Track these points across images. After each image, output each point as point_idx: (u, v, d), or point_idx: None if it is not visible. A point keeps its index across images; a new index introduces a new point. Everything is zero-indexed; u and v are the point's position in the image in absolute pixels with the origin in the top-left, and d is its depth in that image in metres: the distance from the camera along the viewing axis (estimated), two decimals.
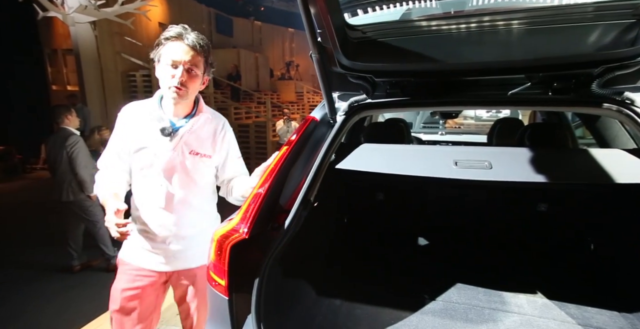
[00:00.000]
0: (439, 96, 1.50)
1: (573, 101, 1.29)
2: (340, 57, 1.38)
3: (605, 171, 1.18)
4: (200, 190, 1.36)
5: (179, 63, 1.21)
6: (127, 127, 1.28)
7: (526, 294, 1.58)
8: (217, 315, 1.19)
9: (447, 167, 1.32)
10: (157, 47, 1.23)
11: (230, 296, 1.13)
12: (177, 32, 1.22)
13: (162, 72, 1.23)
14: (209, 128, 1.36)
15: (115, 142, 1.30)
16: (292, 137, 1.42)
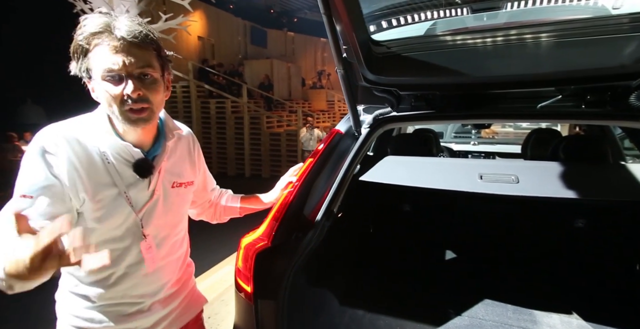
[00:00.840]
0: (464, 109, 1.50)
1: (609, 114, 1.24)
2: (365, 71, 1.42)
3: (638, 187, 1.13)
4: (184, 226, 1.04)
5: (121, 72, 0.78)
6: (65, 164, 0.79)
7: (560, 313, 1.50)
8: (243, 321, 1.25)
9: (472, 181, 1.31)
10: (79, 54, 0.79)
11: (255, 302, 1.18)
12: (101, 23, 0.77)
13: (103, 91, 0.80)
14: (182, 147, 1.01)
15: (44, 183, 0.77)
16: (318, 148, 1.48)
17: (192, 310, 1.09)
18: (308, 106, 12.60)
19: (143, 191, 0.89)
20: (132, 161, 0.87)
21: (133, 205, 0.87)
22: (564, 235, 1.88)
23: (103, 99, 0.82)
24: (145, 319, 0.94)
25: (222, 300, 2.62)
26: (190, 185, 1.03)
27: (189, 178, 1.02)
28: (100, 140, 0.84)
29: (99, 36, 0.77)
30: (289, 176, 1.36)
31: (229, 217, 1.27)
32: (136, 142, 0.88)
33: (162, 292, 0.97)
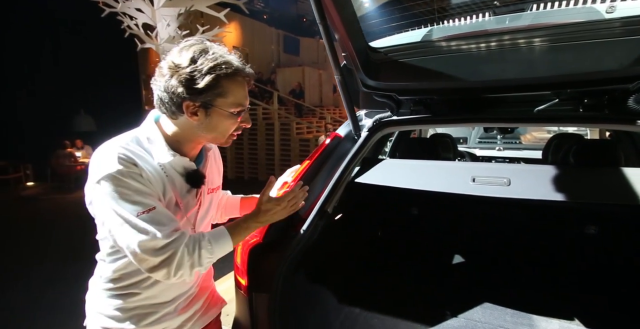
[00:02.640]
0: (462, 113, 1.51)
1: (606, 118, 1.21)
2: (363, 77, 1.48)
3: (633, 191, 1.08)
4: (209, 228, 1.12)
5: (246, 106, 0.90)
6: (146, 176, 0.85)
7: (560, 319, 1.46)
8: (241, 313, 1.34)
9: (464, 184, 1.32)
10: (208, 82, 0.81)
11: (249, 295, 1.27)
12: (235, 58, 0.86)
13: (223, 122, 0.88)
14: (212, 155, 1.08)
15: (155, 203, 0.84)
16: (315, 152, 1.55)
17: (212, 311, 1.15)
18: (339, 113, 12.70)
19: (192, 199, 0.97)
20: (184, 172, 0.93)
21: (186, 213, 0.95)
22: (569, 240, 1.82)
23: (218, 128, 0.88)
24: (172, 320, 0.99)
25: None
26: (218, 190, 1.12)
27: (217, 183, 1.11)
28: (160, 156, 0.88)
29: (235, 70, 0.84)
30: (285, 177, 1.44)
31: (229, 218, 1.34)
32: (190, 156, 0.95)
33: (189, 293, 1.04)
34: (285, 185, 1.40)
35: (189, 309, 1.05)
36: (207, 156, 1.02)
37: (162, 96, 0.85)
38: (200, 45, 0.85)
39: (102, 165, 0.82)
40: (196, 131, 0.89)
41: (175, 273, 0.82)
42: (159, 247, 0.81)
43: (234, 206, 1.32)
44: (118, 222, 0.80)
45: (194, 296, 1.07)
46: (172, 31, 7.80)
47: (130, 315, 0.94)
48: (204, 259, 0.86)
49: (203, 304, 1.12)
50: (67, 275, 3.09)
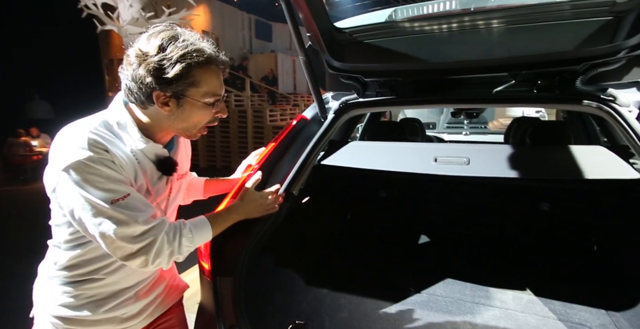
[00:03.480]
0: (425, 95, 1.53)
1: (555, 98, 1.26)
2: (328, 59, 1.46)
3: (580, 168, 1.15)
4: (175, 214, 1.12)
5: (221, 96, 0.87)
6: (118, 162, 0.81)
7: (514, 290, 1.56)
8: (205, 298, 1.32)
9: (427, 164, 1.35)
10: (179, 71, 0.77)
11: (213, 279, 1.25)
12: (210, 52, 0.82)
13: (196, 112, 0.84)
14: (182, 140, 1.04)
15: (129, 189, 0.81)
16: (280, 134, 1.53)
17: (174, 295, 1.14)
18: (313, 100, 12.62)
19: (163, 185, 0.95)
20: (155, 159, 0.90)
21: (156, 199, 0.93)
22: (524, 217, 1.93)
23: (189, 119, 0.85)
24: (132, 305, 0.96)
25: None
26: (187, 175, 1.11)
27: (186, 169, 1.09)
28: (132, 142, 0.85)
29: (207, 58, 0.80)
30: (250, 159, 1.42)
31: (192, 200, 1.32)
32: (159, 141, 0.91)
33: (151, 278, 1.02)
34: (249, 168, 1.38)
35: (149, 294, 1.02)
36: (178, 142, 1.00)
37: (130, 85, 0.80)
38: (170, 31, 0.80)
39: (69, 151, 0.76)
40: (168, 121, 0.86)
41: (154, 260, 0.81)
42: (137, 234, 0.79)
43: (197, 188, 1.30)
44: (90, 212, 0.76)
45: (155, 281, 1.05)
46: (135, 12, 7.39)
47: (86, 302, 0.90)
48: (183, 247, 0.86)
49: (165, 288, 1.09)
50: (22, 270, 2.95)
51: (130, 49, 0.81)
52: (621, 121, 1.14)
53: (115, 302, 0.93)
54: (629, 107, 1.18)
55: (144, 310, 1.01)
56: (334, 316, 1.45)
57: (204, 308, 1.34)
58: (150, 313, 1.03)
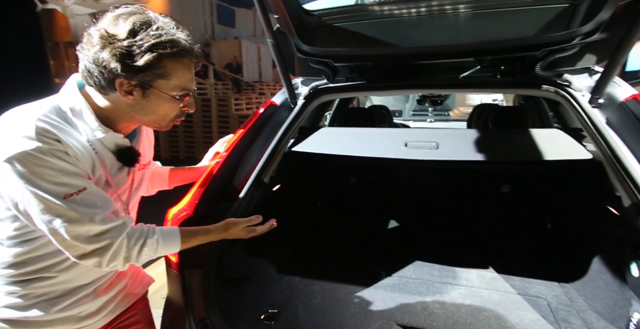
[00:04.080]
0: (395, 80, 1.53)
1: (517, 83, 1.31)
2: (297, 42, 1.41)
3: (540, 149, 1.22)
4: (137, 207, 1.06)
5: (191, 90, 0.82)
6: (78, 160, 0.75)
7: (477, 269, 1.65)
8: (173, 291, 1.27)
9: (398, 148, 1.36)
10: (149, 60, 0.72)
11: (181, 272, 1.20)
12: (185, 44, 0.77)
13: (164, 105, 0.79)
14: (143, 129, 0.98)
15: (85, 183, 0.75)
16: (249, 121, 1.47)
17: (137, 290, 1.08)
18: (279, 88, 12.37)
19: (124, 176, 0.89)
20: (115, 149, 0.84)
21: (118, 191, 0.88)
22: (487, 199, 2.04)
23: (156, 111, 0.80)
24: (91, 303, 0.90)
25: None
26: (149, 165, 1.06)
27: (149, 158, 1.04)
28: (89, 131, 0.78)
29: (181, 51, 0.75)
30: (217, 147, 1.36)
31: (157, 190, 1.25)
32: (120, 130, 0.85)
33: (111, 274, 0.95)
34: (217, 155, 1.33)
35: (110, 290, 0.96)
36: (140, 131, 0.94)
37: (90, 67, 0.74)
38: (142, 15, 0.74)
39: (12, 140, 0.68)
40: (130, 111, 0.80)
41: (109, 263, 0.77)
42: (92, 234, 0.73)
43: (162, 178, 1.23)
44: (39, 207, 0.69)
45: (116, 276, 0.99)
46: None
47: (36, 302, 0.82)
48: (143, 255, 0.81)
49: (127, 283, 1.04)
50: None
51: (93, 28, 0.73)
52: (575, 105, 1.21)
53: (70, 300, 0.86)
54: (582, 91, 1.25)
55: (104, 307, 0.95)
56: (307, 303, 1.45)
57: (172, 302, 1.29)
58: (111, 310, 0.97)
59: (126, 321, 1.05)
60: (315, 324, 1.31)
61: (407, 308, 1.38)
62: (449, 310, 1.37)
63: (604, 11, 1.01)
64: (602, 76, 1.16)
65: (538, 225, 1.93)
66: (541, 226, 1.92)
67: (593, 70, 1.29)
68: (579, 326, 1.26)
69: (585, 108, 1.18)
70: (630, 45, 1.04)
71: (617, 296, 1.26)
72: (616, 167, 1.04)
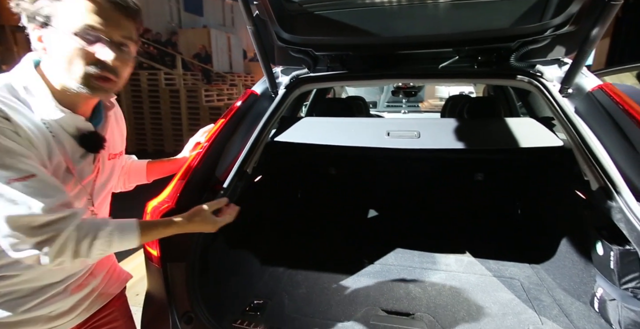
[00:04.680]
0: (376, 69, 1.54)
1: (493, 73, 1.36)
2: (278, 30, 1.38)
3: (515, 137, 1.27)
4: (109, 199, 0.99)
5: (103, 34, 0.70)
6: (31, 143, 0.69)
7: (455, 254, 1.72)
8: (154, 286, 1.23)
9: (380, 138, 1.38)
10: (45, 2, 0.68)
11: (163, 266, 1.16)
12: None
13: (67, 46, 0.69)
14: (113, 116, 0.93)
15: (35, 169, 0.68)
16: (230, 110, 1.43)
17: (114, 287, 1.03)
18: (251, 79, 12.15)
19: (89, 165, 0.82)
20: (77, 134, 0.78)
21: (82, 181, 0.81)
22: (463, 188, 2.12)
23: (61, 54, 0.70)
24: (63, 301, 0.85)
25: None
26: (121, 156, 0.99)
27: (120, 148, 0.98)
28: (43, 111, 0.72)
29: None
30: (198, 137, 1.32)
31: (134, 185, 1.20)
32: (80, 113, 0.78)
33: (84, 271, 0.90)
34: (198, 146, 1.29)
35: (84, 287, 0.91)
36: (107, 116, 0.88)
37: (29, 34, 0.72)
38: None
39: None
40: (53, 67, 0.73)
41: (54, 258, 0.68)
42: (36, 225, 0.66)
43: (139, 171, 1.18)
44: None
45: (90, 273, 0.93)
46: None
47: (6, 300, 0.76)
48: (95, 250, 0.72)
49: (102, 280, 0.98)
50: None
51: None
52: (547, 95, 1.27)
53: (39, 299, 0.80)
54: (553, 82, 1.31)
55: (77, 306, 0.89)
56: (292, 293, 1.45)
57: (153, 297, 1.25)
58: (85, 308, 0.92)
59: (103, 319, 1.00)
60: (302, 313, 1.32)
61: (391, 294, 1.42)
62: (431, 294, 1.42)
63: (574, 4, 1.06)
64: (572, 67, 1.23)
65: (510, 211, 2.03)
66: (512, 212, 2.02)
67: (562, 61, 1.36)
68: (549, 303, 1.34)
69: (557, 97, 1.24)
70: (597, 37, 1.11)
71: (582, 274, 1.36)
72: (585, 153, 1.11)
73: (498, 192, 2.08)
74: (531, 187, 1.88)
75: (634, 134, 1.02)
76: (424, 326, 1.22)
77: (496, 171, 2.01)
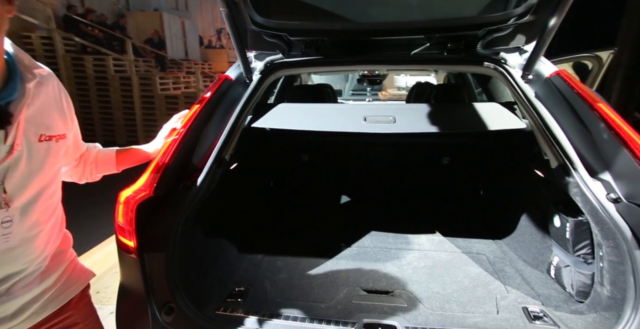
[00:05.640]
0: (351, 55, 1.56)
1: (463, 60, 1.43)
2: (252, 13, 1.34)
3: (483, 120, 1.36)
4: (56, 188, 0.89)
5: None
6: None
7: (426, 234, 1.83)
8: (129, 278, 1.18)
9: (358, 123, 1.40)
10: None
11: (141, 257, 1.11)
12: None
13: None
14: (47, 92, 0.83)
15: None
16: (205, 95, 1.38)
17: (74, 287, 0.94)
18: (208, 67, 11.68)
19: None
20: None
21: None
22: (429, 171, 2.25)
23: None
24: (4, 305, 0.76)
25: (115, 272, 2.42)
26: (63, 139, 0.86)
27: (60, 131, 0.86)
28: None
29: None
30: (173, 123, 1.26)
31: (102, 175, 1.12)
32: None
33: (30, 270, 0.81)
34: (174, 132, 1.23)
35: (31, 288, 0.82)
36: (26, 89, 0.76)
37: None
38: None
39: None
40: None
41: None
42: None
43: (107, 160, 1.10)
44: None
45: (41, 272, 0.84)
46: None
47: None
48: None
49: (57, 280, 0.89)
50: None
51: None
52: (511, 80, 1.36)
53: None
54: (515, 68, 1.41)
55: (24, 309, 0.81)
56: (273, 278, 1.46)
57: (128, 290, 1.20)
58: (35, 312, 0.83)
59: (60, 324, 0.90)
60: (285, 297, 1.33)
61: (370, 274, 1.48)
62: (407, 272, 1.49)
63: None
64: (532, 55, 1.32)
65: (473, 192, 2.17)
66: (476, 192, 2.17)
67: (522, 49, 1.45)
68: (512, 273, 1.47)
69: (519, 83, 1.34)
70: (555, 26, 1.20)
71: (539, 246, 1.50)
72: (546, 134, 1.21)
73: (462, 175, 2.21)
74: (494, 169, 2.02)
75: (587, 115, 1.14)
76: (403, 301, 1.29)
77: (459, 155, 2.14)
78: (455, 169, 2.18)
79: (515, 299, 1.30)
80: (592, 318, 1.10)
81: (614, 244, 1.02)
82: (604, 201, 1.03)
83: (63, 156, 0.90)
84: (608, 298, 1.06)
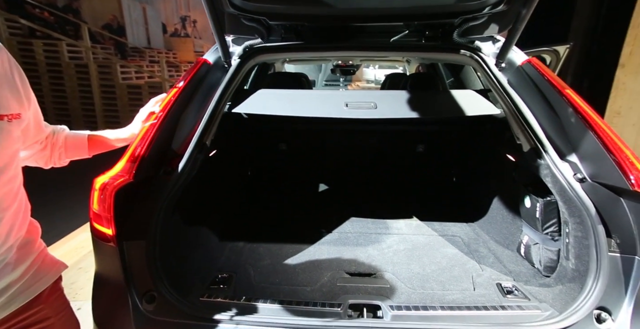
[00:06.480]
0: (331, 41, 1.56)
1: (440, 47, 1.47)
2: None
3: (460, 106, 1.42)
4: (15, 173, 0.81)
5: None
6: None
7: (405, 219, 1.88)
8: (106, 266, 1.12)
9: (339, 108, 1.41)
10: None
11: (119, 245, 1.06)
12: None
13: None
14: None
15: None
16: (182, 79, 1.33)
17: (42, 280, 0.87)
18: (173, 56, 11.19)
19: None
20: None
21: None
22: (405, 158, 2.32)
23: None
24: None
25: (80, 268, 2.30)
26: (17, 119, 0.79)
27: (13, 109, 0.78)
28: None
29: None
30: (150, 107, 1.20)
31: (70, 160, 1.04)
32: None
33: None
34: (152, 116, 1.18)
35: None
36: None
37: None
38: None
39: None
40: None
41: None
42: None
43: (79, 145, 1.03)
44: None
45: (5, 263, 0.78)
46: None
47: None
48: None
49: (26, 271, 0.84)
50: None
51: None
52: (485, 68, 1.42)
53: None
54: (489, 56, 1.47)
55: None
56: (256, 265, 1.45)
57: (106, 280, 1.14)
58: (0, 306, 0.78)
59: (29, 319, 0.85)
60: (269, 282, 1.33)
61: (352, 258, 1.50)
62: (387, 255, 1.53)
63: None
64: (505, 44, 1.38)
65: (447, 178, 2.26)
66: (449, 179, 2.26)
67: (495, 38, 1.52)
68: (485, 253, 1.56)
69: (494, 70, 1.40)
70: (527, 16, 1.26)
71: (510, 226, 1.59)
72: (519, 119, 1.28)
73: (435, 162, 2.30)
74: (467, 155, 2.11)
75: (557, 101, 1.21)
76: (386, 282, 1.33)
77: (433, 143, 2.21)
78: (431, 157, 2.26)
79: (490, 276, 1.38)
80: (559, 289, 1.19)
81: (579, 221, 1.11)
82: (571, 181, 1.11)
83: (21, 138, 0.82)
84: (572, 271, 1.15)
